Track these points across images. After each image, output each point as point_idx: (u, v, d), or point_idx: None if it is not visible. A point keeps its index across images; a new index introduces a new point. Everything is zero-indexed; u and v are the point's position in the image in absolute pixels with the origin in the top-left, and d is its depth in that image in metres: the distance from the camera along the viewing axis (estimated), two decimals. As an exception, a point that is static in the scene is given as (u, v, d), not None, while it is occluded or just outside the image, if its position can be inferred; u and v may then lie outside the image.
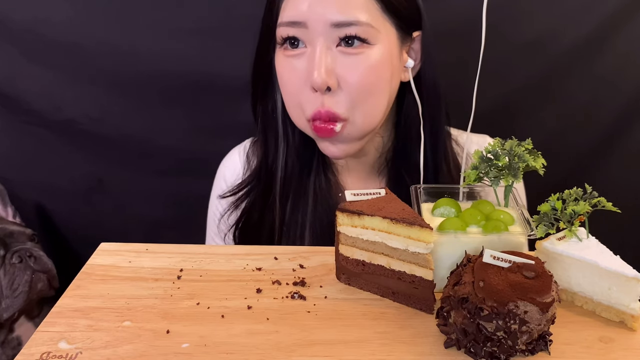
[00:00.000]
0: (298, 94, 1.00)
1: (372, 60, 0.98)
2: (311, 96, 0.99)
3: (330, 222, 0.80)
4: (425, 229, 0.73)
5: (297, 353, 0.69)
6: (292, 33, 0.98)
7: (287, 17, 0.98)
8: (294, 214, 1.12)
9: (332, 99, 0.98)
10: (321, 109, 0.98)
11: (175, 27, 1.43)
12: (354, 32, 0.95)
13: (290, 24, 0.98)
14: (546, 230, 0.77)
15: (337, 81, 0.97)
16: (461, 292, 0.68)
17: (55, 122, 1.50)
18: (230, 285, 0.82)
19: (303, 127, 1.05)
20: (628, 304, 0.73)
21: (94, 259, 0.88)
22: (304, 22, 0.96)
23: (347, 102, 0.98)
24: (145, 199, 1.57)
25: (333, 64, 0.97)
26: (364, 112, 1.00)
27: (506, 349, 0.66)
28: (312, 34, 0.97)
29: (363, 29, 0.96)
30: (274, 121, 1.12)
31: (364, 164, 1.16)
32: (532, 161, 0.80)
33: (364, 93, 0.99)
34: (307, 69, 0.98)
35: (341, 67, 0.97)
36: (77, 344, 0.70)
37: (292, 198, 1.13)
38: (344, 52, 0.97)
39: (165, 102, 1.48)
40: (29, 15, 1.42)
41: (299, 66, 0.99)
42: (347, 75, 0.97)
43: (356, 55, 0.97)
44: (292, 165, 1.12)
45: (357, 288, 0.82)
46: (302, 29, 0.97)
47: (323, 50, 0.96)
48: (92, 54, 1.44)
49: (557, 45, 1.42)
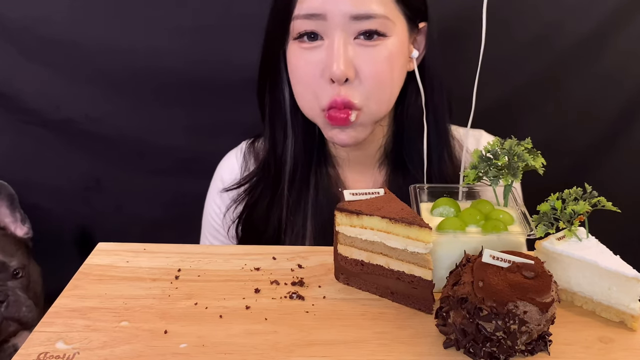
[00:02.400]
0: (313, 84, 1.02)
1: (389, 52, 1.00)
2: (327, 87, 1.01)
3: (332, 215, 0.80)
4: (424, 229, 0.73)
5: (295, 353, 0.69)
6: (310, 27, 1.00)
7: (305, 10, 0.99)
8: (297, 206, 1.13)
9: (349, 89, 1.00)
10: (337, 98, 1.00)
11: (173, 26, 1.42)
12: (374, 27, 0.98)
13: (309, 16, 0.99)
14: (546, 230, 0.76)
15: (355, 72, 1.00)
16: (460, 292, 0.67)
17: (53, 122, 1.49)
18: (228, 285, 0.82)
19: (314, 116, 1.06)
20: (628, 304, 0.73)
21: (92, 259, 0.88)
22: (323, 15, 0.98)
23: (363, 92, 1.01)
24: (143, 199, 1.56)
25: (351, 56, 0.99)
26: (377, 101, 1.03)
27: (505, 349, 0.66)
28: (330, 27, 0.98)
29: (380, 21, 0.98)
30: (283, 113, 1.13)
31: (365, 156, 1.17)
32: (532, 160, 0.79)
33: (379, 83, 1.02)
34: (325, 61, 0.99)
35: (359, 59, 0.99)
36: (74, 344, 0.70)
37: (295, 191, 1.14)
38: (362, 44, 0.99)
39: (164, 101, 1.48)
40: (27, 14, 1.41)
41: (315, 58, 1.01)
42: (365, 67, 1.00)
43: (374, 47, 0.99)
44: (300, 157, 1.14)
45: (355, 288, 0.82)
46: (320, 21, 0.99)
47: (341, 42, 0.98)
48: (91, 53, 1.44)
49: (559, 43, 1.42)
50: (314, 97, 1.03)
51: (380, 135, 1.15)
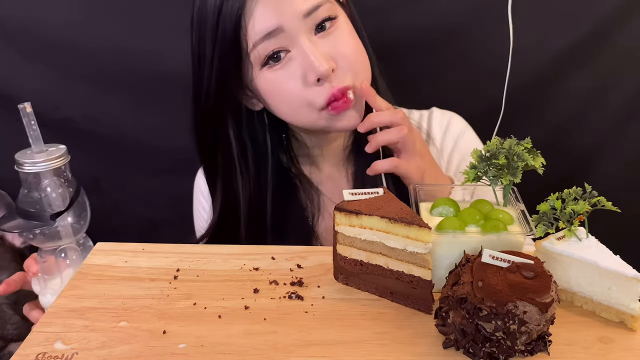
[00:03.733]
0: (302, 94, 1.03)
1: (345, 28, 1.05)
2: (317, 88, 1.02)
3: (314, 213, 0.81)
4: (424, 229, 0.73)
5: (295, 354, 0.69)
6: (274, 45, 1.00)
7: (261, 31, 0.99)
8: (282, 207, 1.16)
9: (336, 78, 1.03)
10: (334, 91, 1.02)
11: (172, 25, 1.41)
12: (325, 14, 1.01)
13: (267, 36, 0.99)
14: (545, 230, 0.76)
15: (334, 61, 1.02)
16: (460, 292, 0.67)
17: (52, 121, 1.49)
18: (227, 285, 0.82)
19: (314, 121, 1.06)
20: (628, 304, 0.72)
21: (90, 259, 0.88)
22: (280, 27, 0.99)
23: (347, 72, 1.04)
24: (141, 199, 1.56)
25: (322, 49, 1.01)
26: (361, 70, 1.07)
27: (505, 350, 0.66)
28: (290, 35, 1.00)
29: (327, 6, 1.02)
30: (232, 164, 1.14)
31: (337, 147, 1.20)
32: (531, 160, 0.79)
33: (357, 55, 1.06)
34: (302, 68, 1.01)
35: (329, 49, 1.02)
36: (72, 345, 0.70)
37: (279, 194, 1.16)
38: (322, 37, 1.02)
39: (163, 101, 1.48)
40: (26, 15, 1.41)
41: (291, 71, 1.02)
42: (338, 51, 1.03)
43: (332, 32, 1.03)
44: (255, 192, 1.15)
45: (355, 288, 0.82)
46: (280, 35, 0.99)
47: (307, 43, 1.00)
48: (90, 53, 1.44)
49: (556, 44, 1.42)
50: (307, 105, 1.04)
51: None
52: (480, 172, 0.81)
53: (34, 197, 0.97)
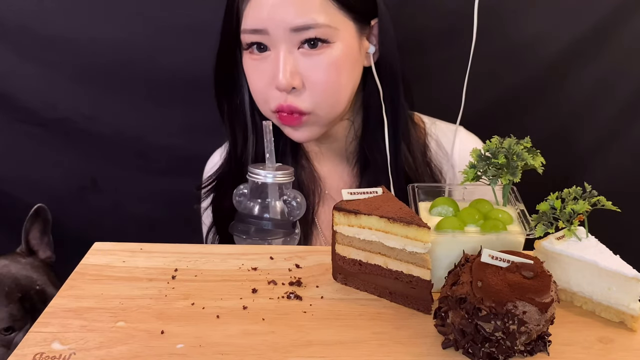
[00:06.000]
0: (264, 91, 1.05)
1: (334, 58, 1.02)
2: (276, 93, 1.04)
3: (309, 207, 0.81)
4: (423, 229, 0.73)
5: (293, 354, 0.68)
6: (256, 39, 1.03)
7: (249, 25, 1.02)
8: None
9: (295, 97, 1.03)
10: (283, 104, 1.03)
11: (169, 24, 1.42)
12: (314, 35, 1.00)
13: (253, 32, 1.02)
14: (545, 230, 0.76)
15: (301, 81, 1.02)
16: (459, 292, 0.67)
17: (49, 121, 1.49)
18: (225, 285, 0.82)
19: (269, 117, 1.08)
20: (628, 304, 0.72)
21: (88, 259, 0.88)
22: (265, 30, 1.00)
23: (310, 98, 1.03)
24: (139, 198, 1.56)
25: (296, 65, 1.02)
26: (326, 106, 1.05)
27: (504, 350, 0.66)
28: (273, 39, 1.01)
29: (322, 30, 1.00)
30: (242, 114, 1.16)
31: (336, 149, 1.20)
32: (531, 160, 0.79)
33: (327, 90, 1.04)
34: (273, 70, 1.02)
35: (305, 68, 1.02)
36: (70, 345, 0.70)
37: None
38: (306, 53, 1.02)
39: (160, 100, 1.48)
40: (22, 13, 1.41)
41: (264, 68, 1.04)
42: (311, 75, 1.02)
43: (318, 55, 1.01)
44: (261, 157, 1.15)
45: (353, 288, 0.82)
46: (264, 36, 1.01)
47: (286, 54, 1.01)
48: (87, 52, 1.43)
49: (556, 43, 1.42)
50: (264, 102, 1.06)
51: (348, 128, 1.17)
52: (479, 171, 0.81)
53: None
